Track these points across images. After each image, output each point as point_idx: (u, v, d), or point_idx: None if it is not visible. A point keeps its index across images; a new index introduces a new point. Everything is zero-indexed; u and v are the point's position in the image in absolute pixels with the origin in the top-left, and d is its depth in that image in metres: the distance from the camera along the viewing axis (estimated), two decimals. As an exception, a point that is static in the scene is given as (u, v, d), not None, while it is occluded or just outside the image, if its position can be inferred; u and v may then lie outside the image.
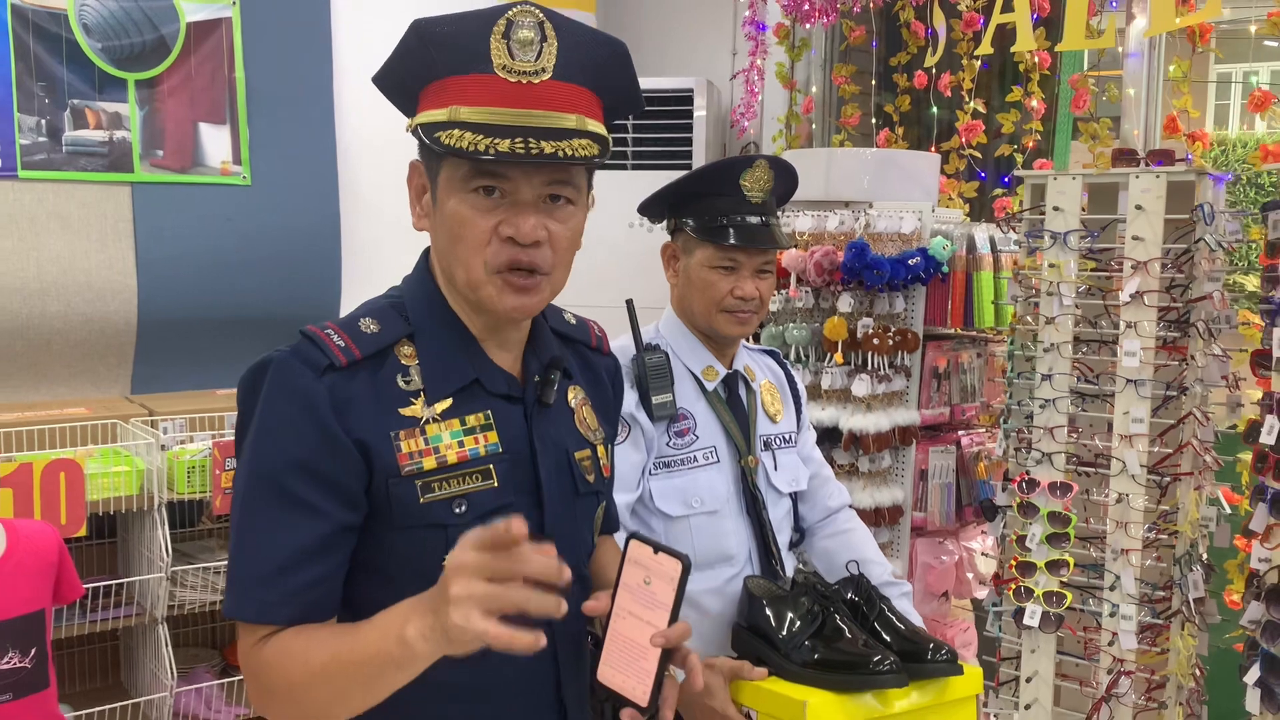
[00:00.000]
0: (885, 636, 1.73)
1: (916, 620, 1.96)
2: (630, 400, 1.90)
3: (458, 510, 1.25)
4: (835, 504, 2.15)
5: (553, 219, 1.26)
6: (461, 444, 1.27)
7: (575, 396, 1.43)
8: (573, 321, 1.52)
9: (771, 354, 2.22)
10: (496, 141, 1.19)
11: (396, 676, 1.13)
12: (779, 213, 2.05)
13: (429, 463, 1.25)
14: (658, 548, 1.27)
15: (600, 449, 1.44)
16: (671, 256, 2.03)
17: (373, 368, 1.26)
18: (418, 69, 1.29)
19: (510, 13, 1.22)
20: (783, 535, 2.03)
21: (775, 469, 2.04)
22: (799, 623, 1.70)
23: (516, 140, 1.19)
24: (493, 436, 1.29)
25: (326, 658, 1.16)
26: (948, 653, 1.71)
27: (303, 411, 1.21)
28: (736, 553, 1.96)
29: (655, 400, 1.90)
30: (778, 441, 2.07)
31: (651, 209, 2.04)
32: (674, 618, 1.24)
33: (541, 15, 1.23)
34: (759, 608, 1.79)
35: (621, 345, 1.96)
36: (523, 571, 1.06)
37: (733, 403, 2.02)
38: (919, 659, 1.68)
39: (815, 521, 2.13)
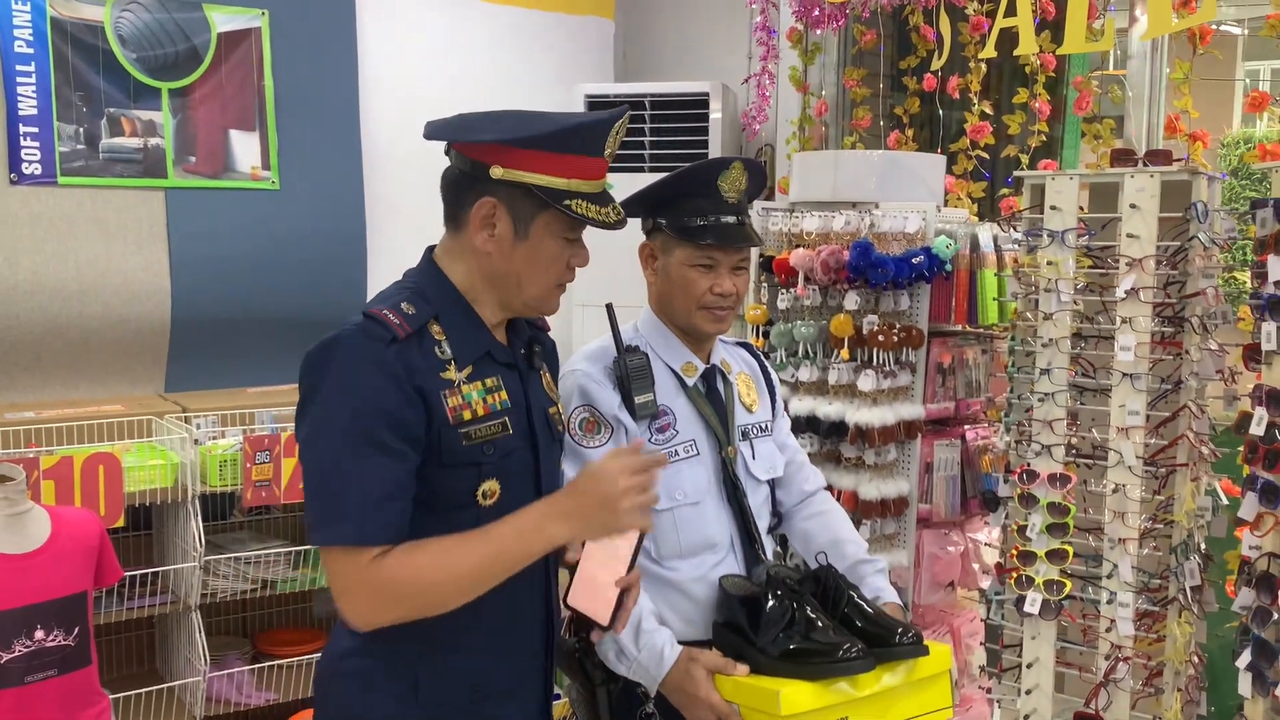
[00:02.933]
0: (856, 622, 1.83)
1: (890, 598, 2.05)
2: (613, 401, 1.98)
3: (488, 452, 1.63)
4: (811, 487, 2.23)
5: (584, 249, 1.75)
6: (485, 401, 1.64)
7: (542, 366, 1.83)
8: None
9: (745, 346, 2.29)
10: (606, 212, 1.68)
11: (522, 566, 1.60)
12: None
13: (466, 415, 1.61)
14: None
15: (559, 406, 1.87)
16: (650, 256, 2.10)
17: (418, 341, 1.60)
18: (554, 142, 1.63)
19: (625, 115, 1.69)
20: (762, 521, 2.11)
21: (753, 458, 2.12)
22: (771, 618, 1.81)
23: (610, 208, 1.69)
24: (503, 395, 1.67)
25: (474, 560, 1.56)
26: (914, 635, 1.81)
27: (383, 374, 1.54)
28: (720, 540, 2.04)
29: (638, 400, 1.97)
30: (755, 431, 2.15)
31: (631, 208, 2.10)
32: (630, 567, 1.68)
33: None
34: (735, 605, 1.89)
35: (602, 347, 2.05)
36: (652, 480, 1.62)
37: (712, 396, 2.09)
38: (886, 643, 1.79)
39: (792, 505, 2.21)
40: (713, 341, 2.15)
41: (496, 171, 1.63)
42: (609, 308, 2.03)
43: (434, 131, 1.70)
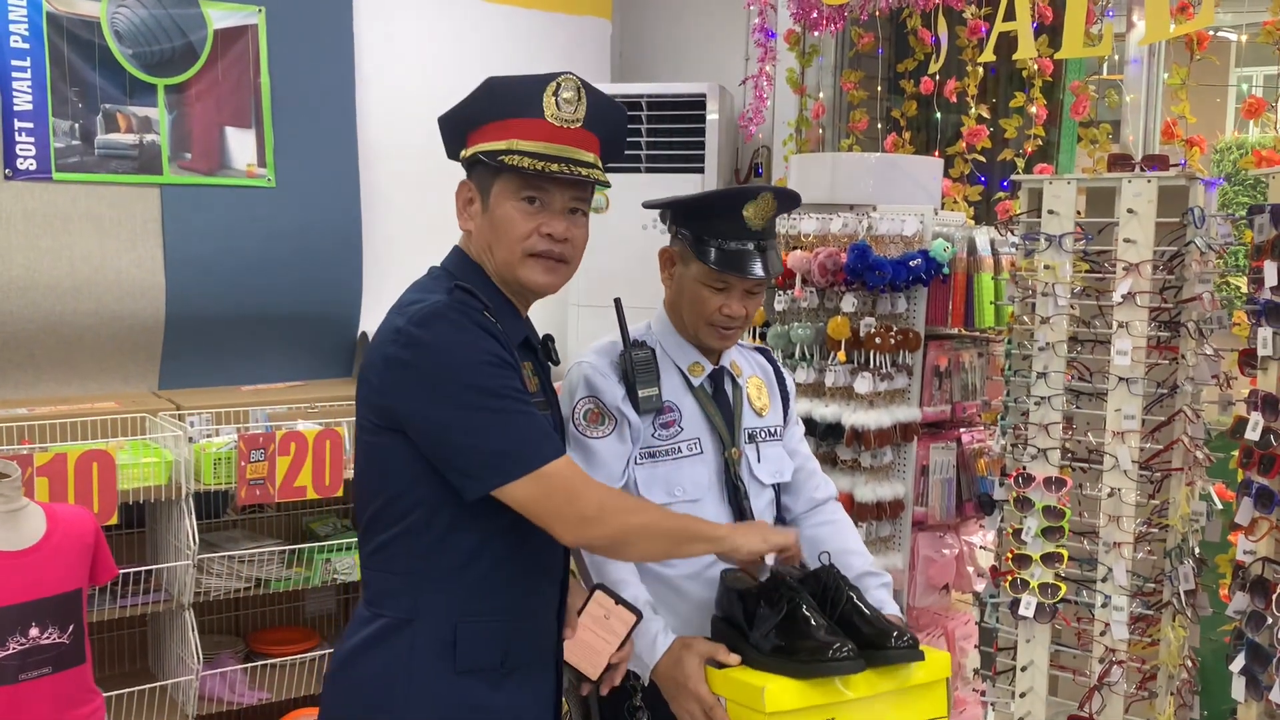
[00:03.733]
0: (855, 623, 1.82)
1: (891, 609, 2.03)
2: (617, 394, 2.00)
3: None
4: (821, 495, 2.22)
5: (574, 225, 1.76)
6: (533, 381, 1.75)
7: (557, 358, 1.94)
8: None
9: (762, 351, 2.29)
10: (548, 164, 1.68)
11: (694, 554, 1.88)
12: (799, 215, 2.12)
13: (531, 388, 1.72)
14: (618, 600, 1.83)
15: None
16: (669, 260, 2.11)
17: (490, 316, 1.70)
18: (484, 110, 1.73)
19: (560, 78, 1.72)
20: None
21: (758, 461, 2.12)
22: (766, 613, 1.80)
23: (561, 164, 1.69)
24: (537, 381, 1.78)
25: (674, 524, 1.78)
26: (910, 640, 1.80)
27: (487, 335, 1.65)
28: None
29: (641, 394, 1.99)
30: (762, 435, 2.15)
31: (660, 207, 2.13)
32: (621, 645, 1.82)
33: (579, 81, 1.74)
34: (732, 599, 1.89)
35: (612, 342, 2.06)
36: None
37: (718, 397, 2.10)
38: (881, 645, 1.78)
39: (801, 512, 2.20)
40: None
41: (463, 153, 1.75)
42: (617, 302, 2.05)
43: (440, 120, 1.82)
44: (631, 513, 1.73)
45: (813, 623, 1.78)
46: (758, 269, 1.99)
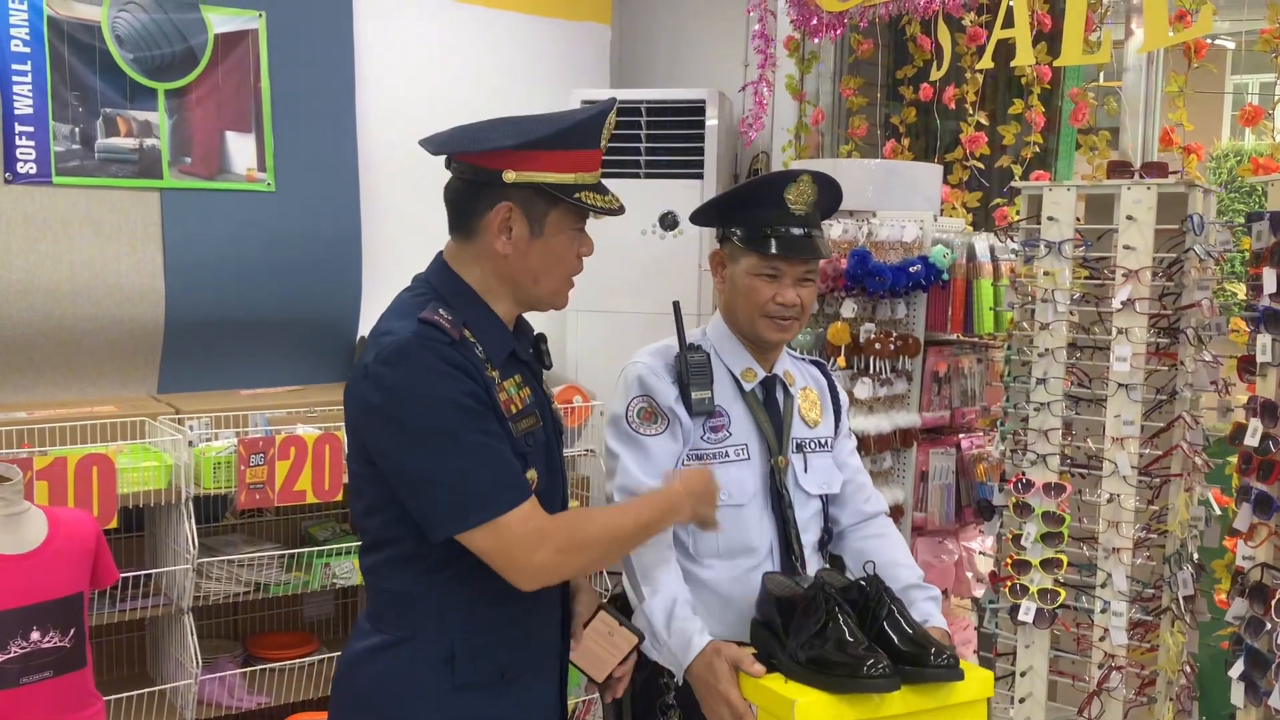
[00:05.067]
0: (893, 639, 1.77)
1: (938, 623, 2.00)
2: (671, 395, 2.02)
3: (529, 444, 1.75)
4: (871, 509, 2.21)
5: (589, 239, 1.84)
6: (519, 396, 1.75)
7: (550, 362, 1.97)
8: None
9: (818, 364, 2.29)
10: (610, 200, 1.77)
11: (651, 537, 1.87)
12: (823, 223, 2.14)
13: (513, 408, 1.73)
14: (621, 622, 1.88)
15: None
16: (719, 264, 2.12)
17: (462, 343, 1.69)
18: (557, 141, 1.71)
19: (615, 107, 1.77)
20: (809, 534, 2.10)
21: (805, 471, 2.11)
22: (804, 622, 1.77)
23: (612, 196, 1.78)
24: (527, 391, 1.77)
25: (631, 524, 1.80)
26: (949, 658, 1.74)
27: (459, 369, 1.65)
28: (758, 546, 2.04)
29: (694, 396, 2.00)
30: (811, 445, 2.14)
31: (701, 217, 2.15)
32: (625, 660, 1.88)
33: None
34: (772, 604, 1.87)
35: (667, 344, 2.08)
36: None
37: (769, 404, 2.10)
38: (920, 662, 1.73)
39: (849, 525, 2.19)
40: (778, 352, 2.15)
41: (509, 175, 1.70)
42: (675, 305, 2.08)
43: (438, 146, 1.74)
44: (586, 548, 1.72)
45: (850, 637, 1.74)
46: (806, 250, 2.01)
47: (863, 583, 1.89)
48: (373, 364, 1.66)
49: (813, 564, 2.10)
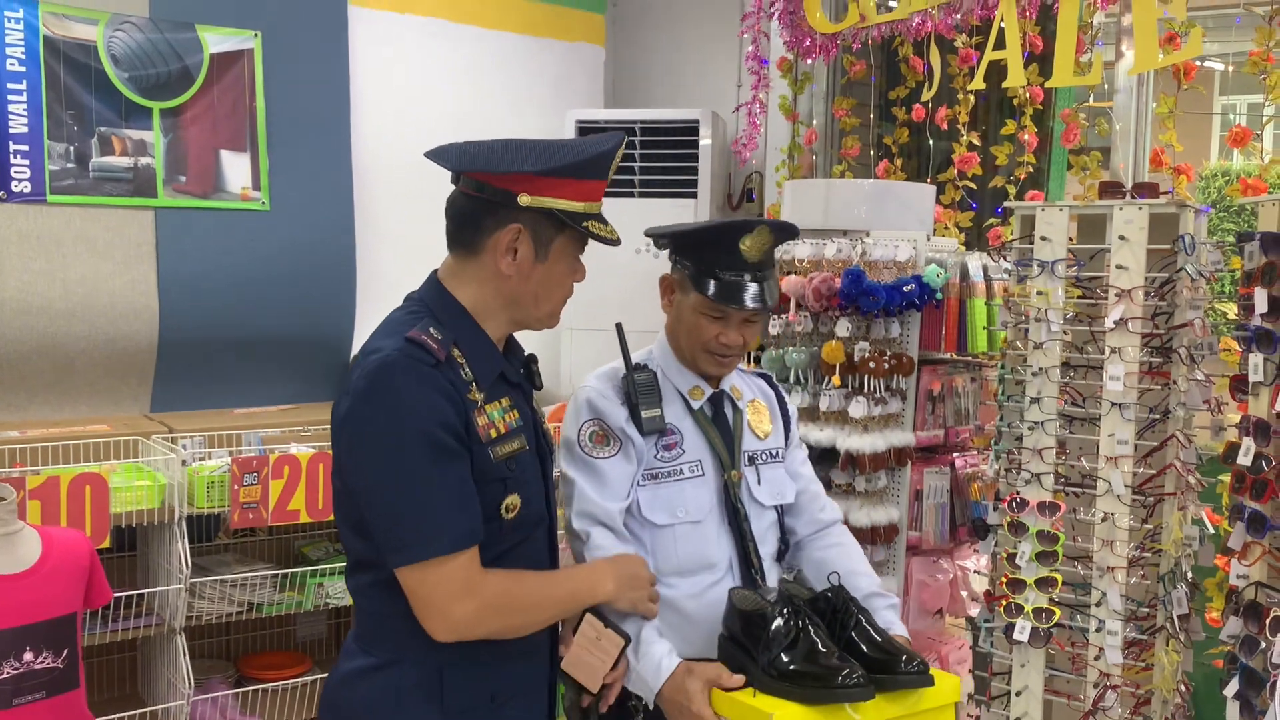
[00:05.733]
0: (862, 647, 1.82)
1: (899, 631, 2.04)
2: (621, 416, 2.03)
3: (511, 468, 1.73)
4: (826, 517, 2.24)
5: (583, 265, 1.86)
6: (504, 419, 1.74)
7: (540, 384, 1.96)
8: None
9: (764, 376, 2.32)
10: (609, 229, 1.79)
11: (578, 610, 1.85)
12: (793, 241, 2.15)
13: (493, 432, 1.71)
14: (607, 623, 1.85)
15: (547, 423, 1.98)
16: (669, 288, 2.14)
17: (448, 364, 1.69)
18: (577, 170, 1.74)
19: (625, 140, 1.81)
20: (766, 546, 2.12)
21: (759, 483, 2.13)
22: (775, 636, 1.80)
23: (612, 229, 1.80)
24: (515, 414, 1.77)
25: (564, 592, 1.80)
26: (919, 664, 1.80)
27: (435, 390, 1.64)
28: (718, 561, 2.06)
29: (644, 415, 2.01)
30: (763, 457, 2.17)
31: (659, 240, 2.16)
32: (614, 665, 1.85)
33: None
34: (740, 619, 1.89)
35: (614, 367, 2.09)
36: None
37: (718, 420, 2.12)
38: (890, 670, 1.78)
39: (806, 535, 2.22)
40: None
41: (524, 199, 1.71)
42: (618, 327, 2.09)
43: (453, 162, 1.73)
44: (512, 612, 1.72)
45: (822, 648, 1.77)
46: (753, 301, 2.02)
47: (829, 594, 1.92)
48: (355, 380, 1.66)
49: (772, 576, 2.12)
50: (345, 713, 1.75)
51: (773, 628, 1.80)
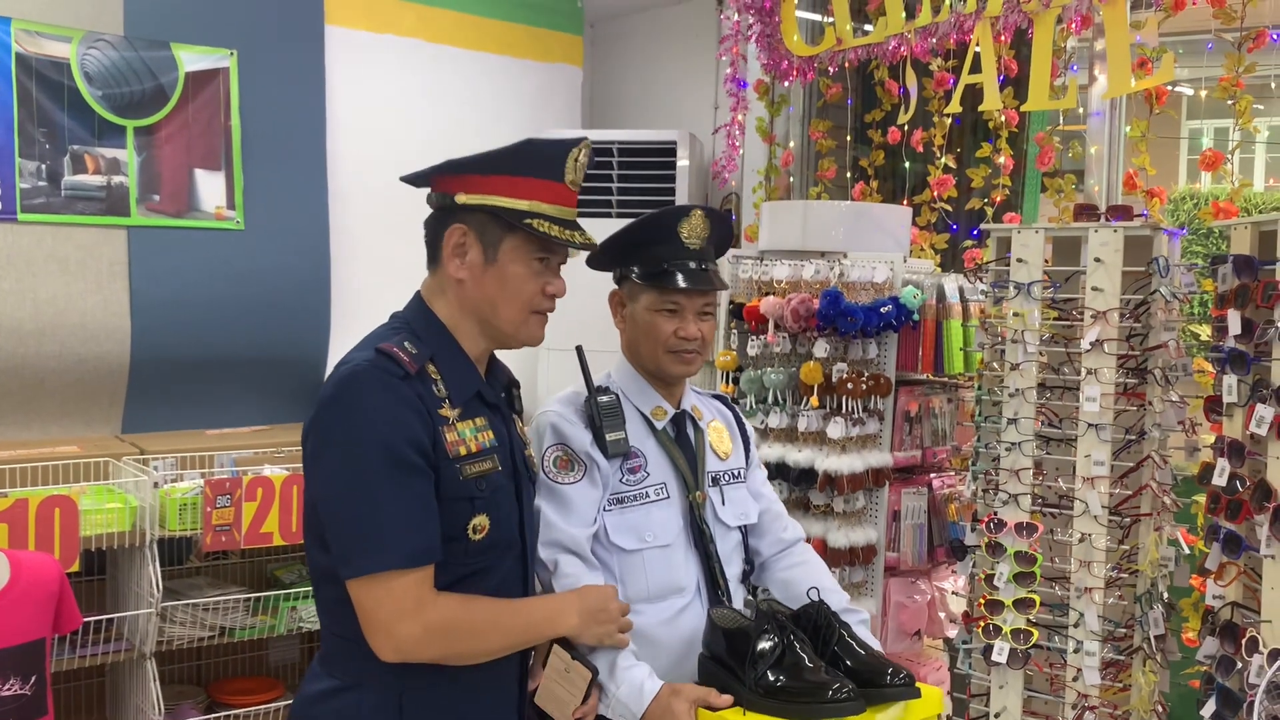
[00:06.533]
0: (846, 662, 1.81)
1: (875, 646, 2.02)
2: (585, 439, 2.00)
3: (481, 488, 1.70)
4: (790, 536, 2.23)
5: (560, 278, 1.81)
6: (476, 438, 1.71)
7: (520, 407, 1.95)
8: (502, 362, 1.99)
9: (720, 398, 2.33)
10: (572, 233, 1.73)
11: (536, 643, 1.78)
12: (717, 260, 2.17)
13: (462, 450, 1.68)
14: (575, 655, 1.82)
15: (530, 451, 1.95)
16: (619, 304, 2.14)
17: (420, 377, 1.68)
18: (505, 163, 1.72)
19: (583, 143, 1.77)
20: (731, 567, 2.11)
21: (723, 504, 2.13)
22: (760, 653, 1.78)
23: (578, 232, 1.75)
24: (490, 435, 1.74)
25: (520, 622, 1.73)
26: (905, 676, 1.80)
27: (400, 403, 1.62)
28: (686, 584, 2.04)
29: (609, 438, 1.99)
30: (726, 478, 2.16)
31: (598, 260, 2.14)
32: (585, 698, 1.81)
33: (590, 145, 1.80)
34: (723, 638, 1.87)
35: (575, 392, 2.07)
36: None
37: (681, 440, 2.11)
38: (877, 683, 1.77)
39: (770, 555, 2.21)
40: (683, 386, 2.17)
41: (461, 197, 1.71)
42: (579, 350, 2.06)
43: (414, 177, 1.78)
44: (462, 636, 1.66)
45: (809, 662, 1.77)
46: (702, 282, 2.03)
47: (809, 609, 1.92)
48: (322, 389, 1.67)
49: (737, 597, 2.10)
50: None
51: (759, 646, 1.79)
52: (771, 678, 1.75)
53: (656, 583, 2.02)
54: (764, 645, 1.79)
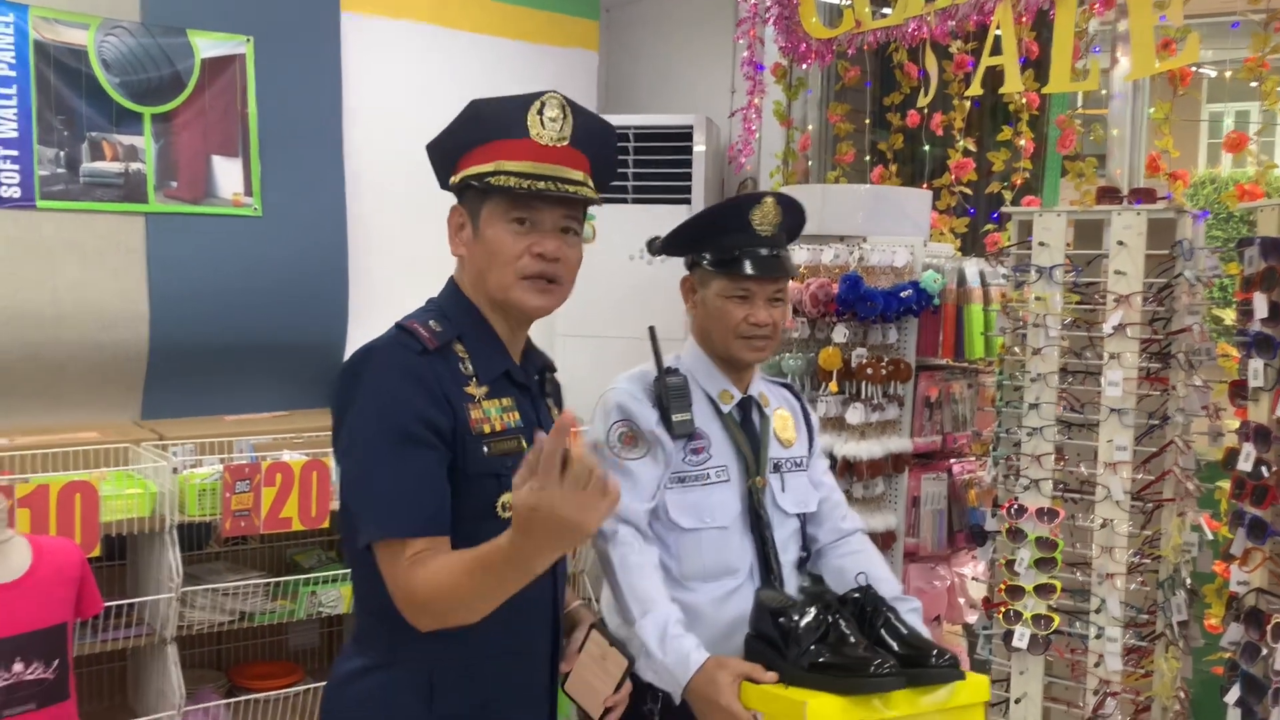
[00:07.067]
0: (891, 644, 1.80)
1: (924, 633, 2.02)
2: (651, 418, 2.03)
3: (508, 465, 1.65)
4: (848, 526, 2.24)
5: (566, 245, 1.73)
6: (502, 418, 1.71)
7: (550, 396, 1.91)
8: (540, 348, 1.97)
9: (787, 386, 2.34)
10: (535, 183, 1.67)
11: (519, 585, 1.55)
12: (790, 246, 2.17)
13: (487, 428, 1.68)
14: (612, 642, 1.80)
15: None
16: (690, 289, 2.16)
17: (444, 355, 1.68)
18: (470, 134, 1.73)
19: (544, 96, 1.71)
20: (787, 554, 2.12)
21: (783, 490, 2.14)
22: (804, 630, 1.78)
23: (548, 183, 1.67)
24: (516, 415, 1.73)
25: (481, 580, 1.52)
26: (950, 658, 1.78)
27: (414, 380, 1.63)
28: (740, 566, 2.07)
29: (675, 418, 2.02)
30: (788, 465, 2.17)
31: (670, 246, 2.16)
32: (619, 687, 1.77)
33: (563, 99, 1.73)
34: (769, 616, 1.87)
35: (643, 370, 2.09)
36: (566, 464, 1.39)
37: (746, 425, 2.13)
38: (921, 664, 1.76)
39: (827, 543, 2.21)
40: (752, 372, 2.18)
41: (452, 179, 1.75)
42: (651, 330, 2.07)
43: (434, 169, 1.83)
44: (453, 608, 1.56)
45: (852, 638, 1.77)
46: (774, 269, 2.04)
47: (856, 593, 1.91)
48: (344, 365, 1.69)
49: (791, 583, 2.11)
50: (338, 714, 1.74)
51: (803, 623, 1.79)
52: (814, 653, 1.75)
53: (711, 562, 2.05)
54: (809, 622, 1.79)
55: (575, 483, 1.38)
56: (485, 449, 1.68)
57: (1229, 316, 3.15)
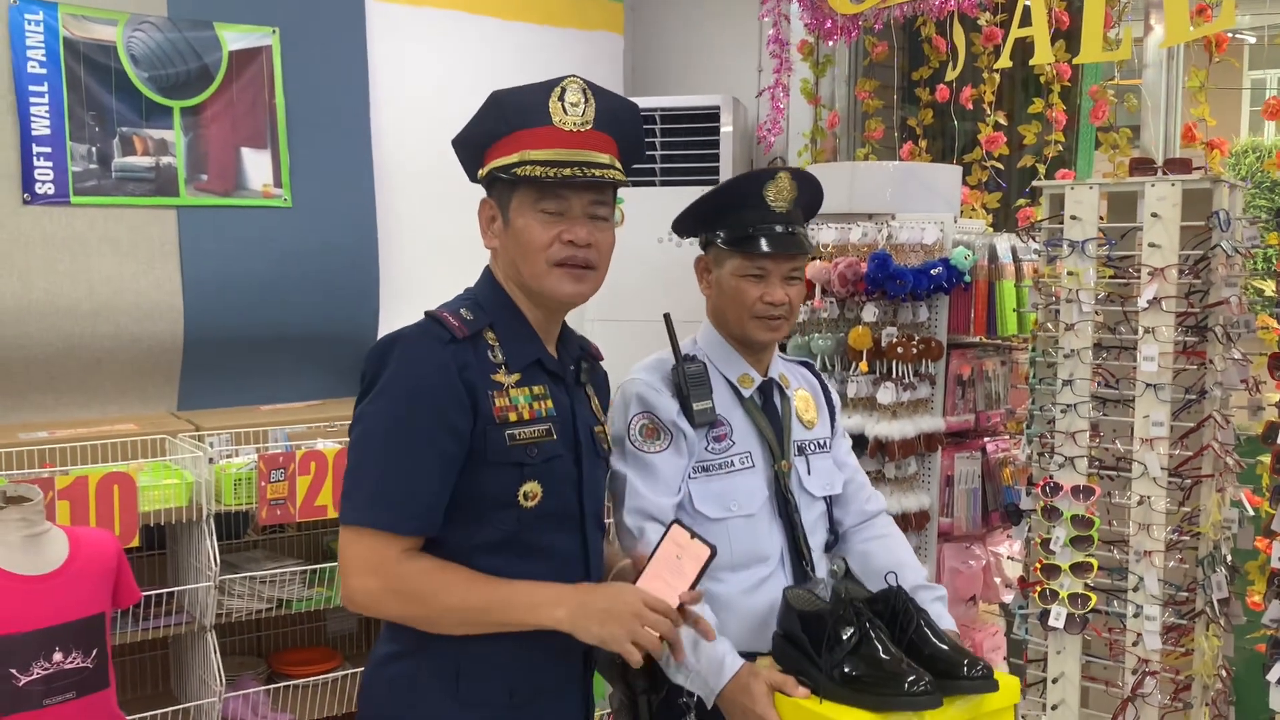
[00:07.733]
0: (924, 651, 1.75)
1: (950, 624, 2.00)
2: (672, 409, 1.98)
3: (531, 455, 1.69)
4: (872, 508, 2.19)
5: (597, 230, 1.73)
6: (531, 406, 1.71)
7: (589, 385, 1.89)
8: (582, 336, 1.97)
9: (806, 364, 2.28)
10: (560, 170, 1.67)
11: (511, 629, 1.66)
12: (807, 224, 2.12)
13: (513, 416, 1.68)
14: (693, 534, 1.70)
15: (605, 427, 1.91)
16: (704, 269, 2.10)
17: (473, 344, 1.69)
18: (493, 126, 1.74)
19: (564, 81, 1.72)
20: (815, 537, 2.08)
21: (809, 473, 2.09)
22: (837, 639, 1.74)
23: (574, 169, 1.68)
24: (549, 404, 1.74)
25: (480, 601, 1.63)
26: (983, 669, 1.73)
27: (436, 371, 1.64)
28: (770, 554, 2.02)
29: (696, 407, 1.97)
30: (812, 447, 2.13)
31: (682, 226, 2.12)
32: (693, 586, 1.68)
33: (583, 83, 1.73)
34: (797, 620, 1.83)
35: (660, 358, 2.05)
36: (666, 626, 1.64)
37: (768, 409, 2.08)
38: (954, 675, 1.72)
39: (851, 525, 2.17)
40: (770, 353, 2.13)
41: (481, 172, 1.76)
42: (666, 317, 2.05)
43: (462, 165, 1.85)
44: (416, 601, 1.63)
45: (884, 654, 1.72)
46: (790, 246, 2.00)
47: (887, 594, 1.86)
48: (370, 350, 1.73)
49: (821, 567, 2.08)
50: (372, 698, 1.76)
51: (836, 633, 1.74)
52: (848, 666, 1.71)
53: (740, 551, 2.00)
54: (841, 631, 1.74)
55: (656, 619, 1.60)
56: (508, 438, 1.67)
57: (1270, 288, 3.09)
